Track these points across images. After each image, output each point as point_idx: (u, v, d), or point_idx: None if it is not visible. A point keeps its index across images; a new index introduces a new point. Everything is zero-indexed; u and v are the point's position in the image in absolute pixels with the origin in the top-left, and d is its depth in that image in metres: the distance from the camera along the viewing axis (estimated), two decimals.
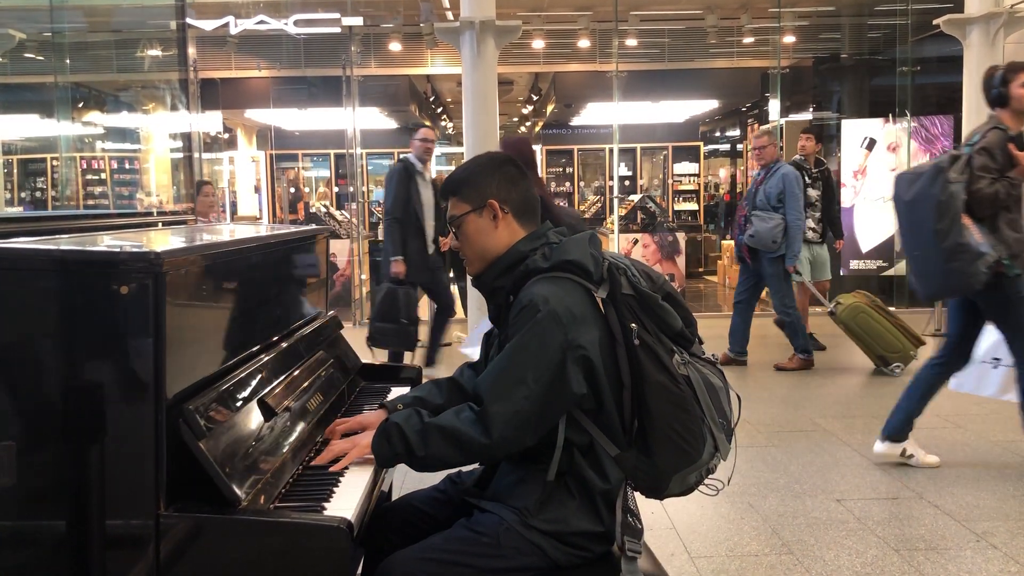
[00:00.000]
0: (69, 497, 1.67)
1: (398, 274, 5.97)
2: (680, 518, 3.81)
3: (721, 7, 11.57)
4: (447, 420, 1.97)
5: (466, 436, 1.92)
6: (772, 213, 6.64)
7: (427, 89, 15.65)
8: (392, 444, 1.97)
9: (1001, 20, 8.12)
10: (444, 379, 2.33)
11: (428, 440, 1.95)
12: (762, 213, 6.68)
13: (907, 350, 6.62)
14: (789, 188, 6.61)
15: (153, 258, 1.66)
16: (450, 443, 1.93)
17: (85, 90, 12.12)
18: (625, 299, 1.97)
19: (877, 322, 6.61)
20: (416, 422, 1.98)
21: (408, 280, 6.07)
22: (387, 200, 6.20)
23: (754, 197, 6.83)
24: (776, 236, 6.57)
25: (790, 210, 6.60)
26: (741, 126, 16.15)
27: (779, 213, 6.62)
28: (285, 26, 10.16)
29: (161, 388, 1.66)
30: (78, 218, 3.12)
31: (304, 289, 2.85)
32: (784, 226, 6.59)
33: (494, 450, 1.95)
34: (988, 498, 4.02)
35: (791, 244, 6.61)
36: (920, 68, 10.62)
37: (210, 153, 14.50)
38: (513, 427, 1.90)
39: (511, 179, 2.11)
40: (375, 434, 2.02)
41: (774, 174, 6.72)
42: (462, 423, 1.94)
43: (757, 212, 6.72)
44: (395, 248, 6.01)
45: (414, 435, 1.96)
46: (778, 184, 6.65)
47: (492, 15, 8.11)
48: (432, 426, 1.96)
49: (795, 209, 6.61)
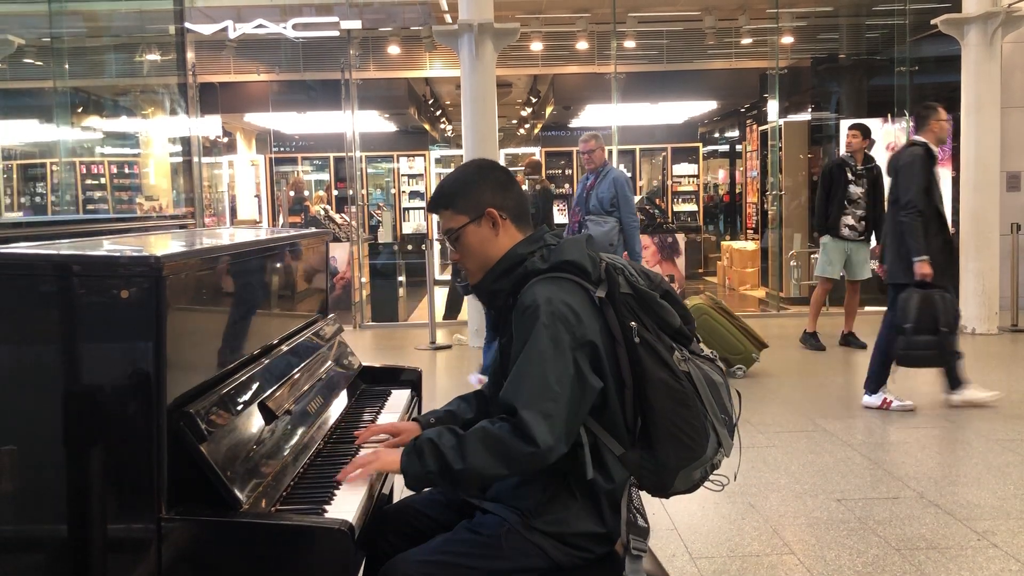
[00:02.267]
0: (71, 501, 1.67)
1: (925, 276, 5.29)
2: (681, 519, 3.81)
3: (719, 8, 11.58)
4: (487, 429, 1.90)
5: (508, 445, 1.85)
6: (606, 217, 6.61)
7: (426, 92, 15.66)
8: (424, 462, 1.90)
9: (999, 20, 8.13)
10: (470, 394, 2.32)
11: (467, 454, 1.87)
12: (596, 217, 6.64)
13: (748, 352, 6.64)
14: (621, 192, 6.60)
15: (153, 262, 1.67)
16: (492, 454, 1.86)
17: (84, 95, 12.12)
18: (624, 298, 1.97)
19: (719, 324, 6.63)
20: (450, 437, 1.91)
21: (934, 283, 5.35)
22: (905, 191, 5.42)
23: (587, 202, 6.77)
24: (612, 239, 6.55)
25: (625, 213, 6.60)
26: (740, 127, 16.15)
27: (613, 216, 6.61)
28: (284, 30, 10.17)
29: (162, 391, 1.66)
30: (78, 223, 3.13)
31: (304, 292, 2.85)
32: (619, 228, 6.60)
33: (540, 458, 1.86)
34: (989, 497, 4.02)
35: (631, 246, 6.61)
36: (918, 68, 10.62)
37: (209, 157, 14.50)
38: (549, 431, 1.85)
39: (503, 184, 2.11)
40: (405, 451, 1.94)
41: (604, 178, 6.69)
42: (501, 431, 1.87)
43: (591, 217, 6.67)
44: (921, 247, 5.30)
45: (450, 450, 1.88)
46: (610, 189, 6.61)
47: (490, 18, 8.12)
48: (469, 437, 1.89)
49: (629, 212, 6.63)
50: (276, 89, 13.40)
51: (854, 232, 7.48)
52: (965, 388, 5.57)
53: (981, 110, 8.34)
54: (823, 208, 7.62)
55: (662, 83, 13.61)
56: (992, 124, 8.35)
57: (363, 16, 10.61)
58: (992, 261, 8.37)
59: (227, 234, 2.97)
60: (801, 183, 11.48)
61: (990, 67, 8.31)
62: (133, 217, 5.04)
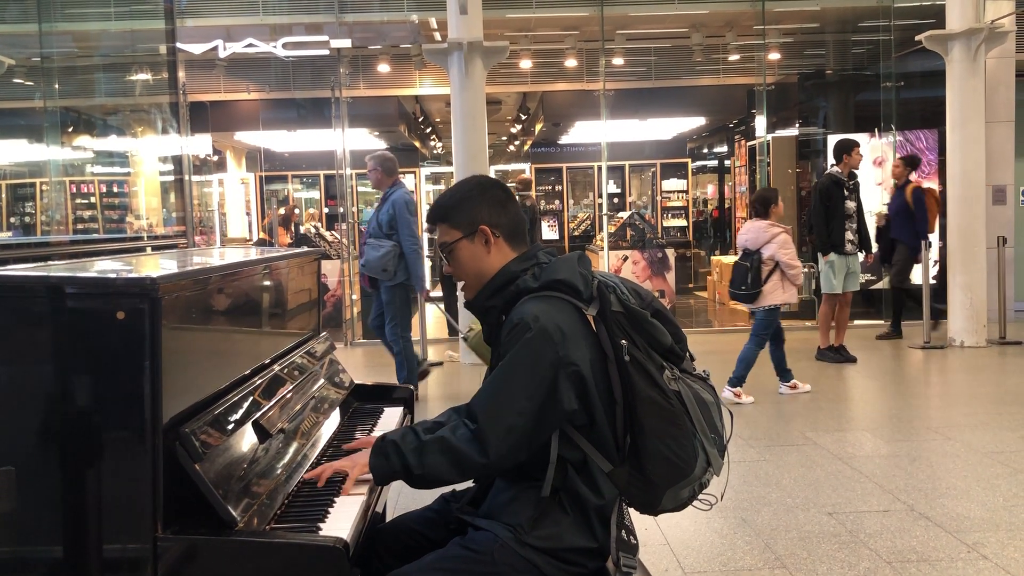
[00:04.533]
0: (67, 521, 1.68)
1: None
2: (673, 533, 3.83)
3: (706, 25, 11.67)
4: (444, 437, 1.98)
5: (463, 454, 1.95)
6: (384, 240, 6.28)
7: (416, 109, 15.71)
8: (390, 461, 2.00)
9: (982, 36, 8.22)
10: (463, 406, 2.33)
11: (425, 458, 1.97)
12: (373, 241, 6.34)
13: None
14: (399, 214, 6.25)
15: (149, 284, 1.68)
16: (447, 460, 1.96)
17: (74, 114, 12.13)
18: (615, 316, 1.99)
19: None
20: (412, 439, 2.01)
21: None
22: None
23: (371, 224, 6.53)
24: (387, 264, 6.24)
25: (403, 236, 6.25)
26: (728, 142, 16.24)
27: (392, 240, 6.27)
28: (274, 49, 10.21)
29: (157, 411, 1.67)
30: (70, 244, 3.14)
31: (297, 311, 2.87)
32: (398, 253, 6.27)
33: (491, 468, 1.98)
34: (978, 509, 4.05)
35: (413, 270, 6.32)
36: (904, 83, 10.73)
37: (199, 176, 14.50)
38: (508, 444, 1.93)
39: (500, 202, 2.15)
40: (372, 451, 2.04)
41: (387, 200, 6.38)
42: (459, 440, 1.96)
43: (370, 240, 6.39)
44: None
45: (411, 452, 1.98)
46: (388, 210, 6.31)
47: (480, 36, 8.17)
48: (429, 443, 1.98)
49: (408, 235, 6.28)
50: (266, 107, 13.43)
51: (853, 246, 7.61)
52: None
53: (966, 125, 8.42)
54: (824, 226, 7.66)
55: (651, 100, 13.70)
56: (977, 138, 8.44)
57: (353, 35, 10.67)
58: (979, 274, 8.44)
59: (219, 254, 2.99)
60: (789, 198, 11.55)
61: (974, 82, 8.40)
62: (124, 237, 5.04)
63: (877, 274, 10.27)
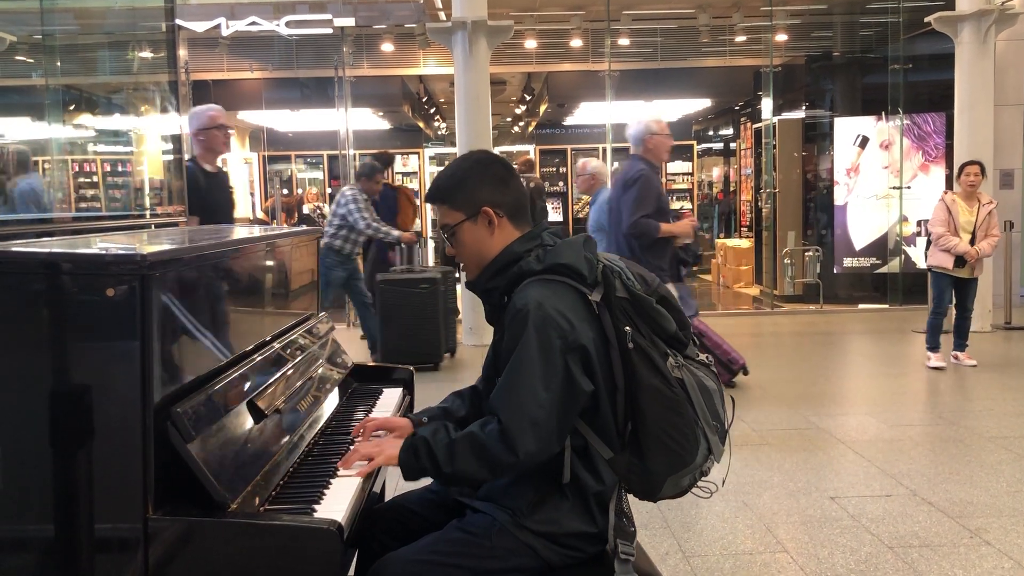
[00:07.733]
0: (57, 501, 1.65)
1: None
2: (674, 517, 3.81)
3: (713, 6, 11.58)
4: (474, 435, 1.92)
5: (493, 452, 1.89)
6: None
7: (420, 89, 15.63)
8: (419, 459, 1.94)
9: (992, 17, 8.14)
10: (466, 389, 2.30)
11: (455, 457, 1.91)
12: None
13: None
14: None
15: (139, 260, 1.64)
16: (478, 459, 1.90)
17: (76, 92, 12.09)
18: (619, 302, 1.95)
19: None
20: (443, 437, 1.95)
21: None
22: None
23: None
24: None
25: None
26: (734, 125, 16.15)
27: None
28: (277, 27, 10.13)
29: (149, 391, 1.64)
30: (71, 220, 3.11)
31: (296, 290, 2.83)
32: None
33: (522, 466, 1.91)
34: (981, 495, 4.02)
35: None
36: (912, 65, 10.64)
37: None
38: (535, 438, 1.87)
39: (501, 180, 2.08)
40: (402, 448, 1.98)
41: None
42: (488, 438, 1.90)
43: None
44: None
45: (442, 451, 1.92)
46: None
47: (484, 15, 8.10)
48: (459, 441, 1.92)
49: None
50: (269, 87, 13.37)
51: None
52: None
53: (974, 108, 8.35)
54: None
55: (656, 81, 13.61)
56: (985, 121, 8.37)
57: (356, 13, 10.58)
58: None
59: (217, 231, 2.95)
60: (795, 181, 11.48)
61: (983, 65, 8.32)
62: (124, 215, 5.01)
63: (884, 259, 10.21)
